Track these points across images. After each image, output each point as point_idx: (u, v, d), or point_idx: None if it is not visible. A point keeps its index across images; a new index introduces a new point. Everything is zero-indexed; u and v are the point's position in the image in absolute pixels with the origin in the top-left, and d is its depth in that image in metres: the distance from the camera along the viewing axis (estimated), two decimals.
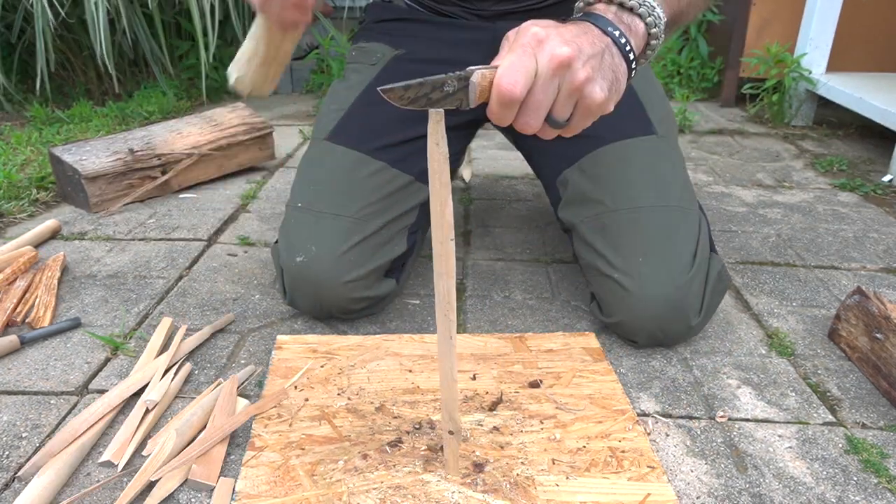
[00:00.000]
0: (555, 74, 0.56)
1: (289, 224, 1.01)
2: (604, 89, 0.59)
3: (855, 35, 2.30)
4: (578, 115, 0.60)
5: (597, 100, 0.59)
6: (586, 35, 0.59)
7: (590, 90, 0.58)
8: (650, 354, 0.97)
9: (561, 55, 0.55)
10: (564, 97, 0.58)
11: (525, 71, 0.55)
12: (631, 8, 0.64)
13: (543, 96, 0.57)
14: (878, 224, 1.46)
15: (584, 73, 0.57)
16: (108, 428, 0.80)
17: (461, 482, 0.71)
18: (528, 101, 0.57)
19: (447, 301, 0.59)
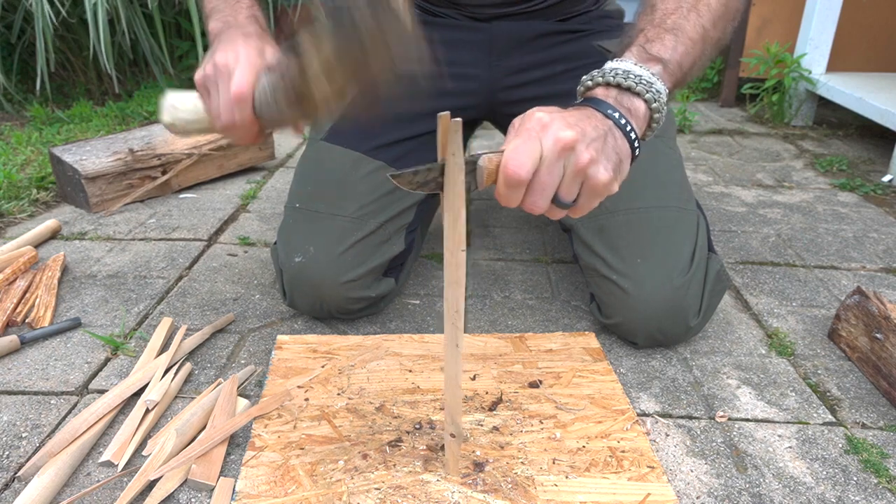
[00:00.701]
0: (559, 157, 0.58)
1: (287, 225, 1.01)
2: (608, 170, 0.60)
3: (855, 35, 2.31)
4: (584, 196, 0.61)
5: (602, 180, 0.60)
6: (589, 119, 0.61)
7: (594, 171, 0.59)
8: (650, 354, 0.97)
9: (565, 138, 0.57)
10: (570, 178, 0.59)
11: (530, 154, 0.57)
12: (629, 88, 0.65)
13: (549, 178, 0.58)
14: (878, 224, 1.46)
15: (588, 154, 0.58)
16: (108, 428, 0.80)
17: (461, 482, 0.71)
18: (535, 183, 0.58)
19: (455, 309, 0.59)
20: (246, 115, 0.72)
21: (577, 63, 1.07)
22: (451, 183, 0.56)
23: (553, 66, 1.07)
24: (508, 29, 1.05)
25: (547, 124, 0.58)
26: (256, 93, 0.72)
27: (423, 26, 1.09)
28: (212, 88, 0.75)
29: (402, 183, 0.57)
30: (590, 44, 1.07)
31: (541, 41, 1.06)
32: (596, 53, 1.07)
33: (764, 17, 2.37)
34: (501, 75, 1.07)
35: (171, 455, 0.73)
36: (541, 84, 1.07)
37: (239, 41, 0.74)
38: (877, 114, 1.87)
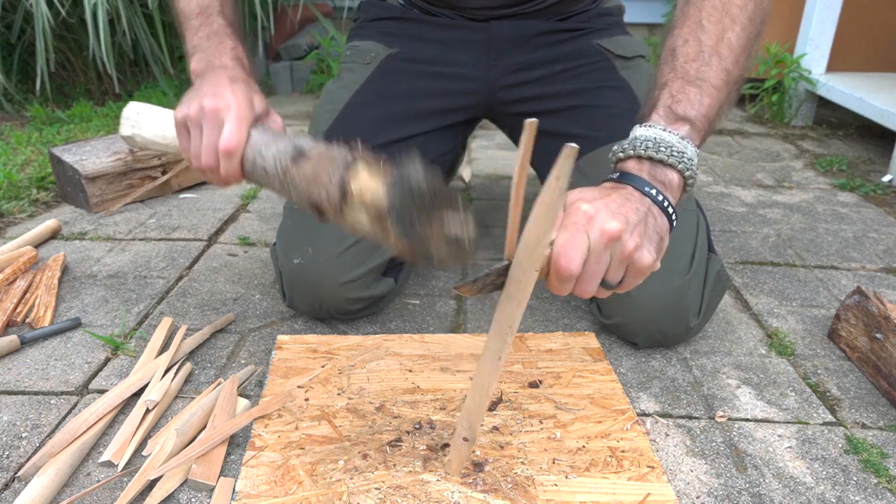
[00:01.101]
0: (606, 248, 0.59)
1: (285, 226, 1.01)
2: (651, 252, 0.62)
3: (855, 35, 2.30)
4: (630, 278, 0.63)
5: (646, 263, 0.62)
6: (629, 202, 0.62)
7: (639, 256, 0.61)
8: (650, 354, 0.97)
9: (611, 230, 0.59)
10: (616, 265, 0.61)
11: (580, 248, 0.58)
12: (661, 161, 0.65)
13: (597, 267, 0.60)
14: (878, 224, 1.46)
15: (633, 242, 0.60)
16: (108, 428, 0.80)
17: (461, 482, 0.71)
18: (584, 273, 0.60)
19: (509, 325, 0.59)
20: (232, 168, 0.71)
21: (577, 62, 1.07)
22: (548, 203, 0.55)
23: (552, 65, 1.07)
24: (506, 28, 1.05)
25: (592, 217, 0.59)
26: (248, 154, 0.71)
27: (424, 26, 1.10)
28: (194, 131, 0.73)
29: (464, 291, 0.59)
30: (589, 42, 1.07)
31: (539, 40, 1.06)
32: (595, 52, 1.07)
33: None
34: (500, 74, 1.07)
35: (171, 455, 0.73)
36: (540, 83, 1.07)
37: (227, 87, 0.72)
38: (877, 114, 1.87)
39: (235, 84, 0.73)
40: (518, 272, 0.57)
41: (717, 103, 0.69)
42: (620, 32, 1.11)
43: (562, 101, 1.06)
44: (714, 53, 0.70)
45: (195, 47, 0.79)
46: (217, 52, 0.78)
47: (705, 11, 0.71)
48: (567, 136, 1.08)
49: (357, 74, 1.09)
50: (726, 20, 0.71)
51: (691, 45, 0.71)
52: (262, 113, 0.75)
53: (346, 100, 1.06)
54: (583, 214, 0.60)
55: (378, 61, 1.09)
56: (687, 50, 0.70)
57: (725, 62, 0.70)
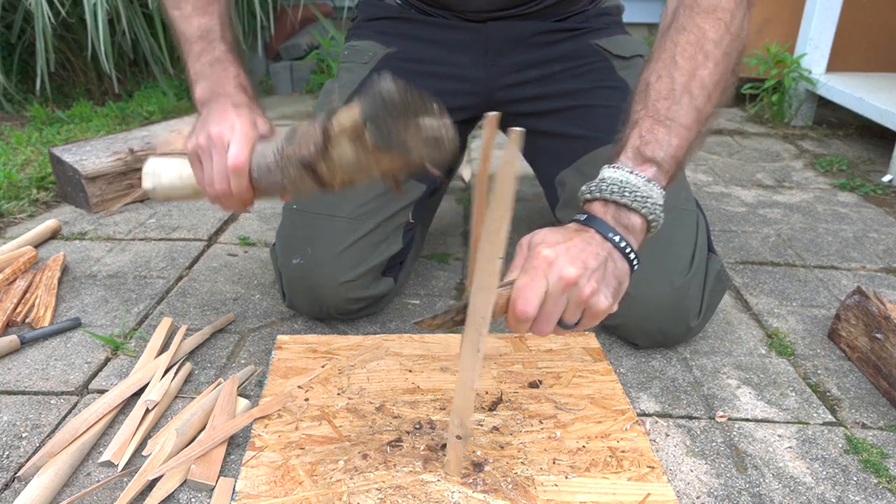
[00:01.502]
0: (563, 292, 0.62)
1: (285, 226, 1.01)
2: (608, 297, 0.64)
3: (855, 35, 2.30)
4: (587, 319, 0.66)
5: (602, 308, 0.64)
6: (590, 247, 0.64)
7: (595, 301, 0.63)
8: (650, 354, 0.97)
9: (568, 276, 0.61)
10: (573, 308, 0.64)
11: (537, 293, 0.61)
12: (625, 205, 0.67)
13: (554, 309, 0.63)
14: (878, 224, 1.46)
15: (590, 287, 0.63)
16: (108, 428, 0.80)
17: (461, 482, 0.71)
18: (541, 315, 0.63)
19: (482, 315, 0.61)
20: (242, 185, 0.75)
21: (575, 62, 1.07)
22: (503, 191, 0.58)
23: (551, 65, 1.06)
24: (504, 29, 1.05)
25: (552, 261, 0.62)
26: (253, 163, 0.74)
27: (421, 26, 1.09)
28: (205, 159, 0.77)
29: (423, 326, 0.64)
30: (587, 42, 1.07)
31: (537, 40, 1.06)
32: (593, 52, 1.07)
33: (764, 17, 2.36)
34: (498, 75, 1.07)
35: (171, 455, 0.73)
36: (538, 83, 1.07)
37: (231, 112, 0.77)
38: (877, 114, 1.87)
39: (239, 109, 0.77)
40: (485, 262, 0.58)
41: (686, 143, 0.70)
42: (619, 32, 1.11)
43: (560, 102, 1.06)
44: (685, 92, 0.70)
45: (198, 74, 0.81)
46: (220, 80, 0.80)
47: (679, 47, 0.72)
48: (565, 136, 1.08)
49: (355, 74, 1.09)
50: (700, 56, 0.71)
51: (664, 81, 0.71)
52: (265, 133, 0.78)
53: (343, 99, 1.06)
54: (543, 259, 0.62)
55: (376, 61, 1.09)
56: (659, 87, 0.71)
57: (696, 101, 0.70)
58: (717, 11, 0.72)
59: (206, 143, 0.76)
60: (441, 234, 1.36)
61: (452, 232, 1.38)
